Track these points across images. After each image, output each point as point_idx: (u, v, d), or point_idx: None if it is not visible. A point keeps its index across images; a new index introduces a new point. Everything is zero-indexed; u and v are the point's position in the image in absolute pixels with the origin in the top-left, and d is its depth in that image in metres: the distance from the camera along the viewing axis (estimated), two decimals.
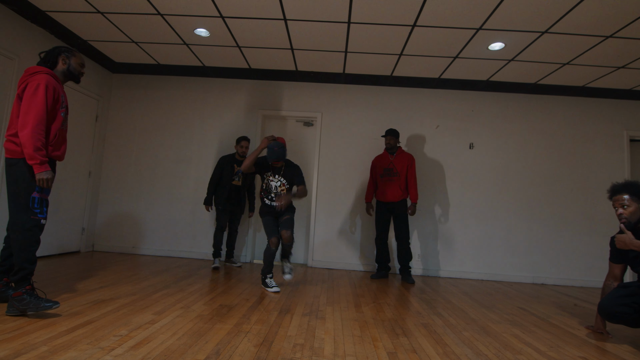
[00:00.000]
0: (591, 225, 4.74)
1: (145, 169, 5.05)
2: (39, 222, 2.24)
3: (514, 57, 3.99)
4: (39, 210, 2.25)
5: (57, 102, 2.34)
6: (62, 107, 2.39)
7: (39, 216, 2.25)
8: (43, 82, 2.24)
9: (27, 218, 2.21)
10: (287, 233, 3.28)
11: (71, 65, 2.48)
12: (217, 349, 1.86)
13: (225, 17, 3.51)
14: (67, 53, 2.48)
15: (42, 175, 2.19)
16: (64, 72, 2.47)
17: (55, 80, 2.37)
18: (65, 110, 2.43)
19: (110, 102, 5.15)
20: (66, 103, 2.45)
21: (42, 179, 2.19)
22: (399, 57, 4.15)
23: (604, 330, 2.58)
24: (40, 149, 2.19)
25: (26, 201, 2.22)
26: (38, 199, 2.25)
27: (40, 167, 2.18)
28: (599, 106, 4.92)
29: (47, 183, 2.21)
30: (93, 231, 4.97)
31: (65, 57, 2.47)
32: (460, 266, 4.76)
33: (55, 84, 2.35)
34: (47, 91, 2.24)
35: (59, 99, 2.34)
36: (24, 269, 2.19)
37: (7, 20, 3.54)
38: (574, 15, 3.12)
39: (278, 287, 3.31)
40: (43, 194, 2.27)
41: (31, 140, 2.16)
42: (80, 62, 2.54)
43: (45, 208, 2.29)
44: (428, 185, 4.83)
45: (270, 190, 3.38)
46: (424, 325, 2.53)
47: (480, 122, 4.94)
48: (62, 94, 2.41)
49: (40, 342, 1.79)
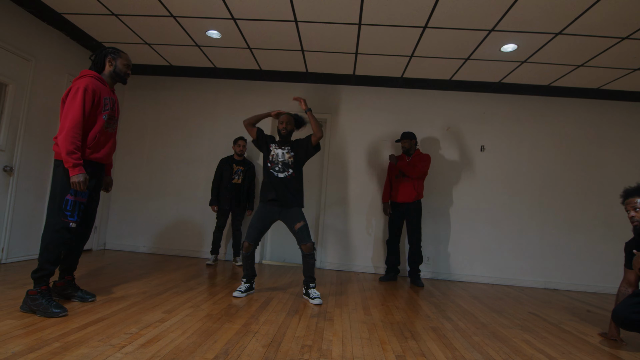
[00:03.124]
0: (606, 230, 4.64)
1: (156, 169, 5.11)
2: (67, 225, 2.25)
3: (527, 59, 3.94)
4: (69, 213, 2.26)
5: (98, 106, 2.34)
6: (105, 110, 2.38)
7: (69, 219, 2.26)
8: (82, 86, 2.25)
9: (58, 220, 2.24)
10: (309, 245, 2.98)
11: (117, 66, 2.48)
12: (225, 349, 1.87)
13: (237, 19, 3.54)
14: (113, 54, 2.48)
15: (75, 178, 2.20)
16: (111, 75, 2.48)
17: (99, 83, 2.38)
18: (109, 113, 2.42)
19: (124, 103, 5.22)
20: (110, 105, 2.43)
21: (75, 182, 2.21)
22: (409, 58, 4.14)
23: (618, 337, 2.53)
24: (74, 152, 2.19)
25: (60, 203, 2.25)
26: (71, 202, 2.26)
27: (73, 170, 2.20)
28: (614, 109, 4.83)
29: (80, 186, 2.22)
30: (105, 230, 5.05)
31: (112, 59, 2.47)
32: (470, 270, 4.71)
33: (98, 87, 2.34)
34: (86, 95, 2.25)
35: (99, 102, 2.34)
36: (44, 269, 2.22)
37: (25, 22, 3.62)
38: (589, 16, 3.07)
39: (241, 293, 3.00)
40: (78, 197, 2.29)
41: (65, 144, 2.18)
42: (127, 63, 2.53)
43: (77, 211, 2.29)
44: (438, 188, 4.79)
45: (277, 161, 3.07)
46: (433, 329, 2.51)
47: (492, 125, 4.89)
48: (108, 97, 2.41)
49: (53, 339, 1.82)
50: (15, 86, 3.56)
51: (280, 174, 3.05)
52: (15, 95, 3.57)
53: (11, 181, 3.59)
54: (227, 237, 4.88)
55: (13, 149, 3.61)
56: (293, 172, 3.07)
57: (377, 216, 4.82)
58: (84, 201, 2.33)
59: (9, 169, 3.54)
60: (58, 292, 2.47)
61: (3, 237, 3.55)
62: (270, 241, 5.07)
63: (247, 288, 3.06)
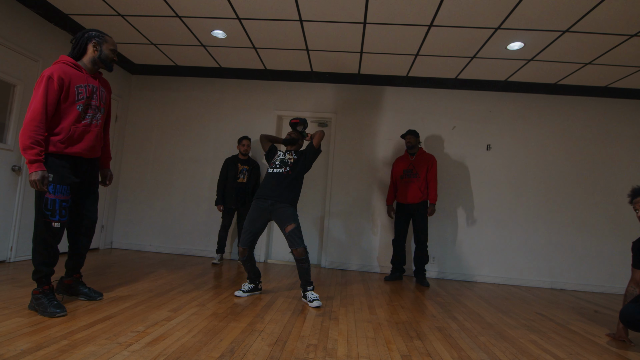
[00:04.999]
0: (613, 229, 4.60)
1: (162, 168, 5.14)
2: (50, 225, 2.12)
3: (533, 57, 3.91)
4: (50, 213, 2.11)
5: (69, 96, 2.13)
6: (79, 99, 2.17)
7: (50, 219, 2.12)
8: (46, 75, 2.06)
9: (39, 221, 2.13)
10: (299, 250, 2.84)
11: (102, 52, 2.29)
12: (231, 347, 1.87)
13: (242, 18, 3.54)
14: (98, 39, 2.27)
15: (31, 176, 1.99)
16: (94, 60, 2.28)
17: (72, 69, 2.17)
18: (85, 102, 2.20)
19: (130, 103, 5.26)
20: (86, 94, 2.20)
21: (31, 180, 1.99)
22: (415, 57, 4.12)
23: (626, 338, 2.50)
24: (31, 147, 1.99)
25: (39, 203, 2.12)
26: (51, 201, 2.11)
27: (31, 167, 1.99)
28: (622, 107, 4.77)
29: (37, 185, 2.01)
30: (112, 229, 5.09)
31: (97, 44, 2.27)
32: (476, 270, 4.68)
33: (67, 74, 2.13)
34: (49, 84, 2.06)
35: (70, 92, 2.13)
36: (39, 271, 2.17)
37: (32, 23, 3.66)
38: (597, 13, 3.04)
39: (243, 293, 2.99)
40: (58, 195, 2.12)
41: (21, 138, 2.00)
42: (113, 48, 2.34)
43: (59, 210, 2.13)
44: (444, 187, 4.77)
45: (277, 161, 3.09)
46: (439, 329, 2.50)
47: (498, 123, 4.86)
48: (83, 84, 2.20)
49: (60, 336, 1.84)
50: (22, 86, 3.59)
51: (276, 169, 3.05)
52: (23, 96, 3.60)
53: (19, 180, 3.62)
54: (233, 236, 4.90)
55: None
56: (290, 170, 3.03)
57: (383, 215, 4.81)
58: (65, 199, 2.16)
59: (17, 169, 3.58)
60: (65, 289, 2.46)
61: (11, 236, 3.59)
62: (275, 240, 5.08)
63: (250, 289, 3.05)
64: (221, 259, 4.52)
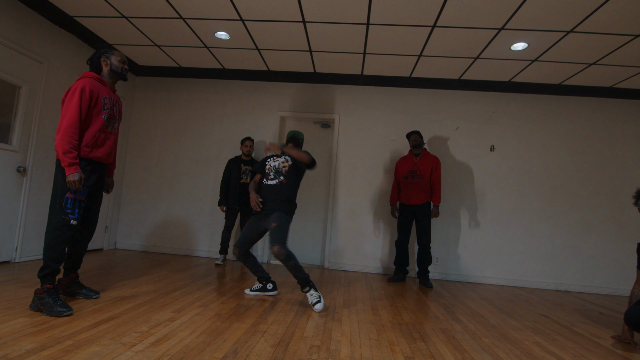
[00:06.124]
0: (618, 230, 4.57)
1: (166, 169, 5.16)
2: (68, 222, 2.29)
3: (537, 58, 3.89)
4: (69, 211, 2.29)
5: (96, 106, 2.38)
6: (105, 109, 2.42)
7: (70, 216, 2.29)
8: (79, 87, 2.29)
9: (59, 217, 2.27)
10: (274, 249, 2.72)
11: (112, 64, 2.50)
12: (234, 348, 1.88)
13: (245, 20, 3.55)
14: (106, 54, 2.51)
15: (70, 177, 2.23)
16: (109, 74, 2.51)
17: (98, 83, 2.41)
18: (109, 112, 2.45)
19: (134, 104, 5.28)
20: (110, 105, 2.46)
21: (70, 180, 2.23)
22: (418, 58, 4.11)
23: (632, 340, 2.48)
24: (70, 152, 2.23)
25: (60, 201, 2.29)
26: (71, 200, 2.30)
27: (69, 169, 2.22)
28: (627, 107, 4.74)
29: (75, 185, 2.24)
30: (116, 229, 5.11)
31: (106, 58, 2.50)
32: (479, 271, 4.66)
33: (96, 87, 2.38)
34: (82, 95, 2.29)
35: (98, 102, 2.38)
36: (48, 267, 2.26)
37: (37, 25, 3.68)
38: (601, 13, 3.02)
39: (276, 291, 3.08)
40: (77, 195, 2.32)
41: (60, 143, 2.22)
42: (121, 59, 2.55)
43: (78, 209, 2.32)
44: (447, 188, 4.76)
45: (271, 170, 3.01)
46: (442, 331, 2.49)
47: (502, 124, 4.84)
48: (107, 97, 2.44)
49: (65, 337, 1.85)
50: (28, 88, 3.62)
51: (270, 181, 2.99)
52: (28, 97, 3.63)
53: (25, 181, 3.65)
54: (236, 237, 4.91)
55: (26, 150, 3.67)
56: (284, 179, 2.97)
57: (386, 216, 4.80)
58: (83, 199, 2.35)
59: (22, 170, 3.60)
60: (62, 289, 2.52)
61: (17, 237, 3.61)
62: None
63: (259, 288, 3.07)
64: (224, 260, 4.53)
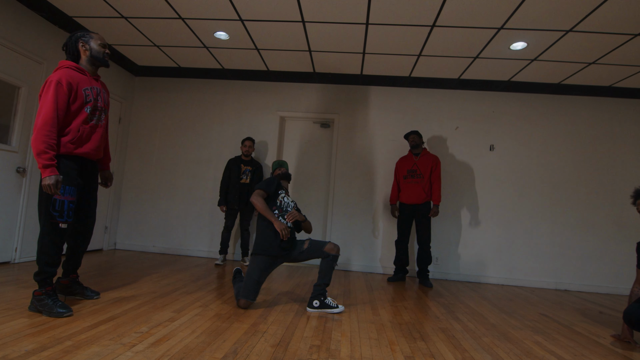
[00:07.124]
0: (618, 230, 4.57)
1: (166, 169, 5.16)
2: (56, 226, 2.15)
3: (536, 57, 3.90)
4: (57, 214, 2.14)
5: (78, 99, 2.17)
6: (87, 102, 2.21)
7: (58, 219, 2.15)
8: (54, 80, 2.09)
9: (46, 222, 2.15)
10: (331, 244, 2.76)
11: (92, 49, 2.27)
12: (234, 348, 1.88)
13: (245, 20, 3.55)
14: (83, 38, 2.26)
15: (45, 180, 2.02)
16: (89, 60, 2.28)
17: (77, 73, 2.20)
18: (92, 104, 2.24)
19: (133, 105, 5.28)
20: (93, 96, 2.24)
21: (45, 184, 2.02)
22: (417, 57, 4.11)
23: (631, 339, 2.49)
24: (45, 152, 2.03)
25: (46, 204, 2.14)
26: (59, 202, 2.14)
27: (44, 172, 2.02)
28: (626, 107, 4.75)
29: (51, 189, 2.02)
30: (115, 230, 5.11)
31: (84, 43, 2.26)
32: (479, 270, 4.66)
33: (75, 78, 2.16)
34: (59, 89, 2.08)
35: (78, 94, 2.17)
36: (44, 272, 2.18)
37: (36, 26, 3.68)
38: (600, 12, 3.03)
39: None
40: (66, 196, 2.16)
41: (35, 144, 2.03)
42: (101, 42, 2.31)
43: (67, 211, 2.17)
44: (447, 188, 4.76)
45: (285, 209, 2.86)
46: (442, 330, 2.49)
47: (501, 124, 4.84)
48: (89, 87, 2.23)
49: (65, 337, 1.84)
50: (27, 88, 3.62)
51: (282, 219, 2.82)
52: (27, 98, 3.63)
53: (24, 182, 3.65)
54: (236, 237, 4.91)
55: (26, 151, 3.67)
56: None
57: (385, 216, 4.80)
58: (73, 200, 2.19)
59: (21, 170, 3.60)
60: (62, 290, 2.48)
61: (16, 237, 3.61)
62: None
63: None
64: (224, 260, 4.53)
